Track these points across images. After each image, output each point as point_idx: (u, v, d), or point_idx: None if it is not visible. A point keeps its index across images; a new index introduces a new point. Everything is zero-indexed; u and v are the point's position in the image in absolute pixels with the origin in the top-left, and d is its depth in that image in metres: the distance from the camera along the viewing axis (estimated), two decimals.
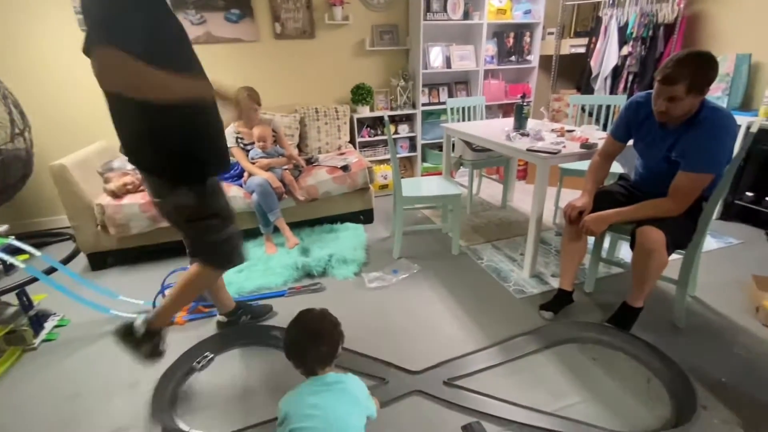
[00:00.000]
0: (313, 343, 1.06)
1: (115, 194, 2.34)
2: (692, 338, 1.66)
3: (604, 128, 2.79)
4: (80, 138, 2.81)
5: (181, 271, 2.12)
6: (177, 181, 1.27)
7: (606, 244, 2.12)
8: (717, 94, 2.74)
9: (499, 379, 1.50)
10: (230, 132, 2.51)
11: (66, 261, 2.51)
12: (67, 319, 1.97)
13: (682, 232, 1.56)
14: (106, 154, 2.69)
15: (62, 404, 1.48)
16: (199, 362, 1.61)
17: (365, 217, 2.93)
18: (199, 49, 1.28)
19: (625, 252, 2.27)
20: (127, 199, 2.33)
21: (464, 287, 2.08)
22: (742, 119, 2.40)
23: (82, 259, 2.50)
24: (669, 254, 1.52)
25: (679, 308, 1.71)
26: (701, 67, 1.36)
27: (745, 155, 2.59)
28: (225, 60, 3.04)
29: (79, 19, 2.68)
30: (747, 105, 2.77)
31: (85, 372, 1.64)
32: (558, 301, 1.82)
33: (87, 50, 1.06)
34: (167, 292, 1.69)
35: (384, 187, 3.48)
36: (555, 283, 1.92)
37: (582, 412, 1.34)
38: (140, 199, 2.33)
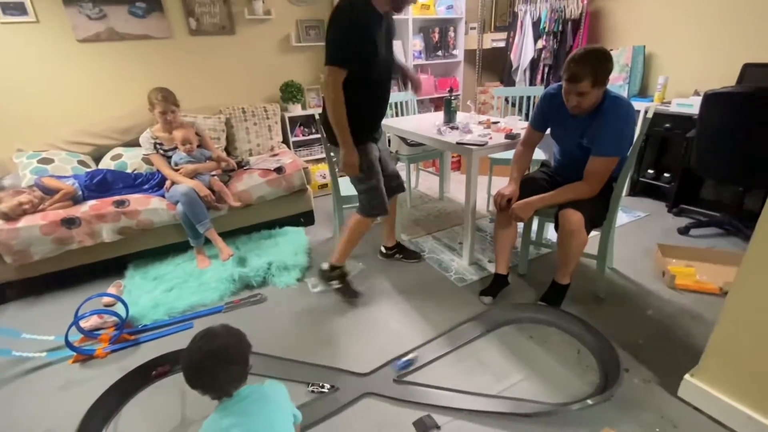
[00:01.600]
0: (223, 364, 0.93)
1: (8, 216, 2.02)
2: (612, 307, 1.82)
3: (527, 118, 2.97)
4: None
5: (98, 297, 1.90)
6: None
7: (534, 226, 2.26)
8: (619, 83, 3.03)
9: (447, 368, 1.54)
10: (146, 138, 2.28)
11: None
12: None
13: (598, 210, 1.70)
14: None
15: None
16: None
17: (305, 219, 2.84)
18: (100, 48, 1.14)
19: (552, 233, 2.44)
20: (24, 222, 2.02)
21: (409, 281, 2.10)
22: (640, 105, 2.69)
23: None
24: (588, 232, 1.65)
25: (600, 280, 1.87)
26: (600, 62, 1.50)
27: (644, 137, 2.91)
28: (133, 59, 2.75)
29: None
30: (644, 92, 3.10)
31: None
32: (495, 286, 1.91)
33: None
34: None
35: (324, 186, 3.40)
36: (492, 269, 2.00)
37: (524, 390, 1.41)
38: (40, 220, 2.04)
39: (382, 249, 2.33)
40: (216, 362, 0.93)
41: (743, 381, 1.19)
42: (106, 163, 2.56)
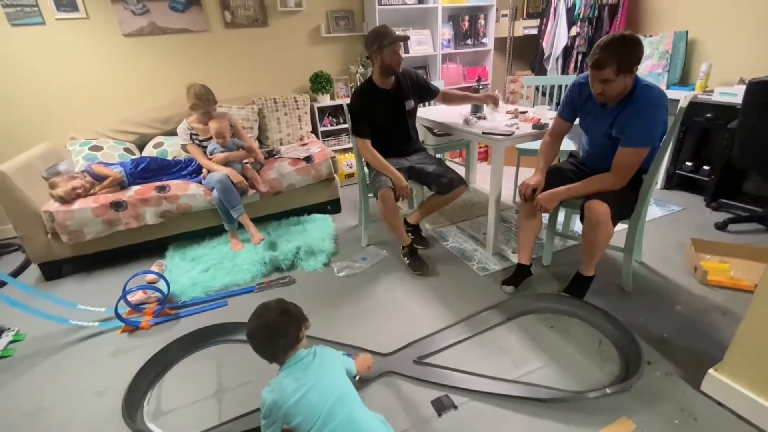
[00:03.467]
0: (277, 335, 1.08)
1: (64, 200, 2.22)
2: (638, 300, 1.80)
3: (557, 108, 2.91)
4: (19, 142, 2.63)
5: (143, 274, 2.07)
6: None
7: (561, 218, 2.24)
8: (658, 71, 2.90)
9: (466, 353, 1.58)
10: (183, 129, 2.42)
11: (16, 273, 2.39)
12: (23, 333, 1.88)
13: (626, 203, 1.67)
14: (50, 157, 2.54)
15: (24, 421, 1.42)
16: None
17: (332, 207, 2.93)
18: (143, 42, 1.25)
19: (579, 225, 2.41)
20: (78, 204, 2.21)
21: (432, 269, 2.15)
22: (680, 94, 2.58)
23: (33, 270, 2.37)
24: (614, 225, 1.63)
25: (626, 274, 1.84)
26: (625, 49, 1.46)
27: (683, 128, 2.78)
28: (173, 52, 2.91)
29: (8, 14, 2.47)
30: (685, 80, 2.96)
31: (47, 385, 1.58)
32: (518, 276, 1.92)
33: None
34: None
35: (350, 176, 3.48)
36: (515, 259, 2.01)
37: (541, 377, 1.44)
38: (92, 203, 2.23)
39: (406, 219, 2.41)
40: (271, 334, 1.08)
41: None
42: (149, 151, 2.73)
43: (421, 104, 2.45)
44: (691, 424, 1.23)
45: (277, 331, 1.08)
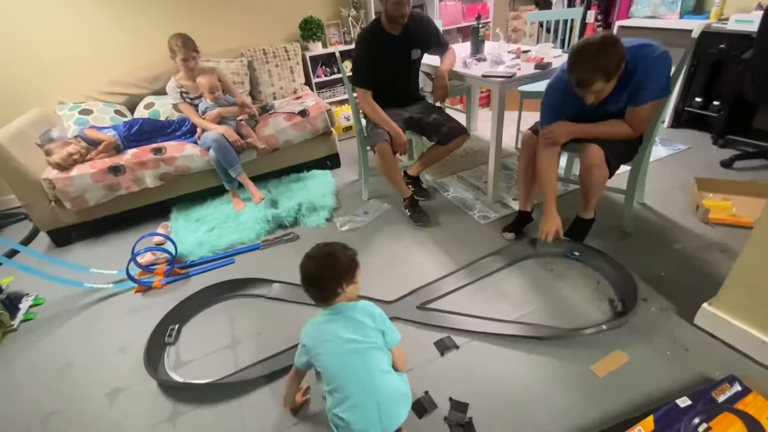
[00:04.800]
0: (328, 275, 1.06)
1: (61, 166, 2.21)
2: (638, 241, 1.81)
3: (562, 45, 2.76)
4: (10, 107, 2.56)
5: (150, 236, 2.11)
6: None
7: (563, 162, 2.20)
8: None
9: (467, 298, 1.63)
10: (172, 87, 2.34)
11: (26, 242, 2.44)
12: (42, 297, 1.96)
13: (625, 147, 1.62)
14: (42, 123, 2.49)
15: (56, 376, 1.53)
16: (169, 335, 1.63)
17: (332, 162, 2.90)
18: None
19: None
20: (76, 171, 2.21)
21: (433, 220, 2.16)
22: (692, 23, 2.42)
23: (44, 238, 2.42)
24: (614, 168, 1.60)
25: (626, 215, 1.85)
26: (606, 56, 1.35)
27: (695, 62, 2.64)
28: (154, 5, 2.73)
29: None
30: (699, 8, 2.75)
31: (71, 344, 1.68)
32: (519, 223, 1.93)
33: None
34: None
35: (348, 129, 3.40)
36: (517, 206, 2.01)
37: (540, 317, 1.49)
38: (90, 168, 2.22)
39: (406, 171, 2.37)
40: (322, 271, 1.07)
41: (762, 308, 1.21)
42: (140, 112, 2.67)
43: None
44: (682, 354, 1.29)
45: (312, 282, 1.08)
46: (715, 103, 2.62)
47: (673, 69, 1.48)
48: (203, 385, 1.39)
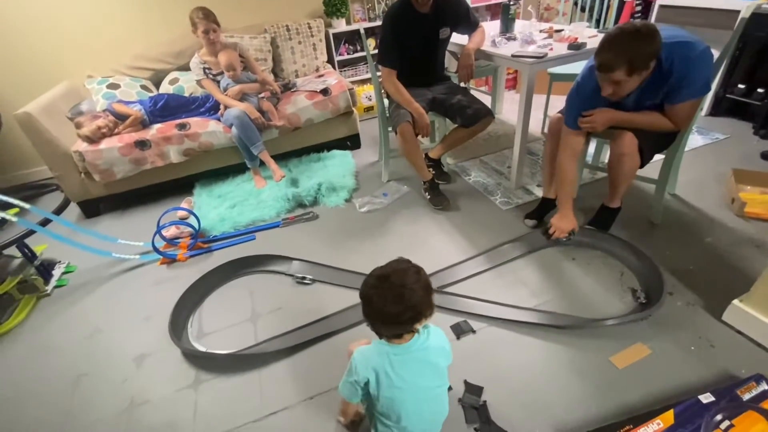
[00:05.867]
0: (404, 312, 0.86)
1: (91, 139, 2.26)
2: (667, 233, 1.75)
3: (597, 25, 2.62)
4: (41, 80, 2.63)
5: (174, 210, 2.16)
6: None
7: (591, 149, 2.13)
8: None
9: (485, 283, 1.62)
10: (195, 63, 2.34)
11: (58, 211, 2.53)
12: (74, 265, 2.05)
13: (661, 136, 1.55)
14: (72, 96, 2.54)
15: (86, 340, 1.61)
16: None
17: (352, 142, 2.88)
18: None
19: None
20: (105, 144, 2.26)
21: (452, 204, 2.13)
22: (741, 3, 2.25)
23: (74, 209, 2.52)
24: (648, 158, 1.53)
25: (656, 206, 1.78)
26: (638, 45, 1.25)
27: (741, 45, 2.47)
28: None
29: None
30: None
31: (101, 311, 1.76)
32: (541, 210, 1.89)
33: None
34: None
35: (369, 109, 3.36)
36: (540, 193, 1.97)
37: (560, 306, 1.47)
38: (117, 142, 2.27)
39: (427, 153, 2.33)
40: (396, 306, 0.86)
41: None
42: (165, 88, 2.69)
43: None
44: (707, 350, 1.25)
45: (384, 319, 0.88)
46: (760, 90, 2.45)
47: (715, 55, 1.39)
48: (224, 355, 1.44)
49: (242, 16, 2.91)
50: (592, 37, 1.98)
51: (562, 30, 2.16)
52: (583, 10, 3.17)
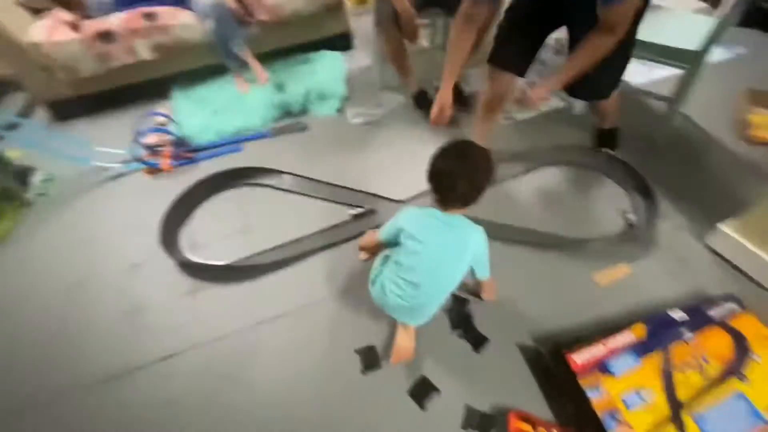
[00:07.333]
0: (466, 179, 0.99)
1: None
2: (670, 155, 1.71)
3: None
4: None
5: (151, 115, 2.01)
6: None
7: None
8: None
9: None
10: None
11: (23, 114, 2.34)
12: (52, 173, 1.95)
13: (616, 68, 1.35)
14: None
15: (76, 250, 1.60)
16: None
17: (343, 42, 2.59)
18: None
19: None
20: (63, 35, 1.98)
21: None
22: None
23: (42, 114, 2.31)
24: (615, 84, 1.41)
25: (664, 126, 1.71)
26: None
27: None
28: None
29: None
30: None
31: (88, 221, 1.72)
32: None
33: None
34: None
35: (363, 1, 2.97)
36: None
37: (547, 224, 1.47)
38: (77, 34, 1.99)
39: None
40: (462, 172, 0.99)
41: None
42: None
43: None
44: (687, 271, 1.31)
45: (441, 176, 1.01)
46: None
47: None
48: (220, 266, 1.46)
49: None
50: None
51: None
52: None
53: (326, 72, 2.29)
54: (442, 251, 1.04)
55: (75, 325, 1.36)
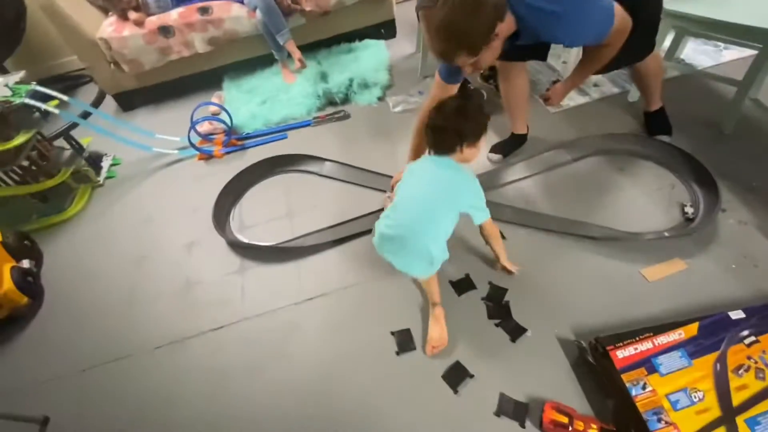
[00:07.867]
0: (452, 128, 1.06)
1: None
2: (736, 144, 1.56)
3: None
4: None
5: (205, 105, 2.13)
6: None
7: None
8: None
9: (523, 191, 1.57)
10: None
11: (95, 104, 2.56)
12: (119, 158, 2.14)
13: (638, 45, 1.26)
14: None
15: (140, 228, 1.76)
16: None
17: (386, 31, 2.59)
18: None
19: (687, 52, 1.98)
20: (128, 30, 2.15)
21: (492, 107, 1.96)
22: None
23: (110, 102, 2.53)
24: (651, 46, 1.37)
25: (731, 112, 1.56)
26: (462, 28, 0.95)
27: None
28: None
29: None
30: None
31: (150, 202, 1.88)
32: (510, 145, 1.71)
33: None
34: None
35: None
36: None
37: (599, 217, 1.41)
38: (140, 30, 2.15)
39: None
40: (451, 115, 1.07)
41: None
42: None
43: None
44: (748, 270, 1.21)
45: (434, 130, 1.09)
46: None
47: None
48: (266, 247, 1.54)
49: None
50: None
51: None
52: None
53: (369, 61, 2.31)
54: (424, 181, 1.11)
55: (142, 294, 1.51)
